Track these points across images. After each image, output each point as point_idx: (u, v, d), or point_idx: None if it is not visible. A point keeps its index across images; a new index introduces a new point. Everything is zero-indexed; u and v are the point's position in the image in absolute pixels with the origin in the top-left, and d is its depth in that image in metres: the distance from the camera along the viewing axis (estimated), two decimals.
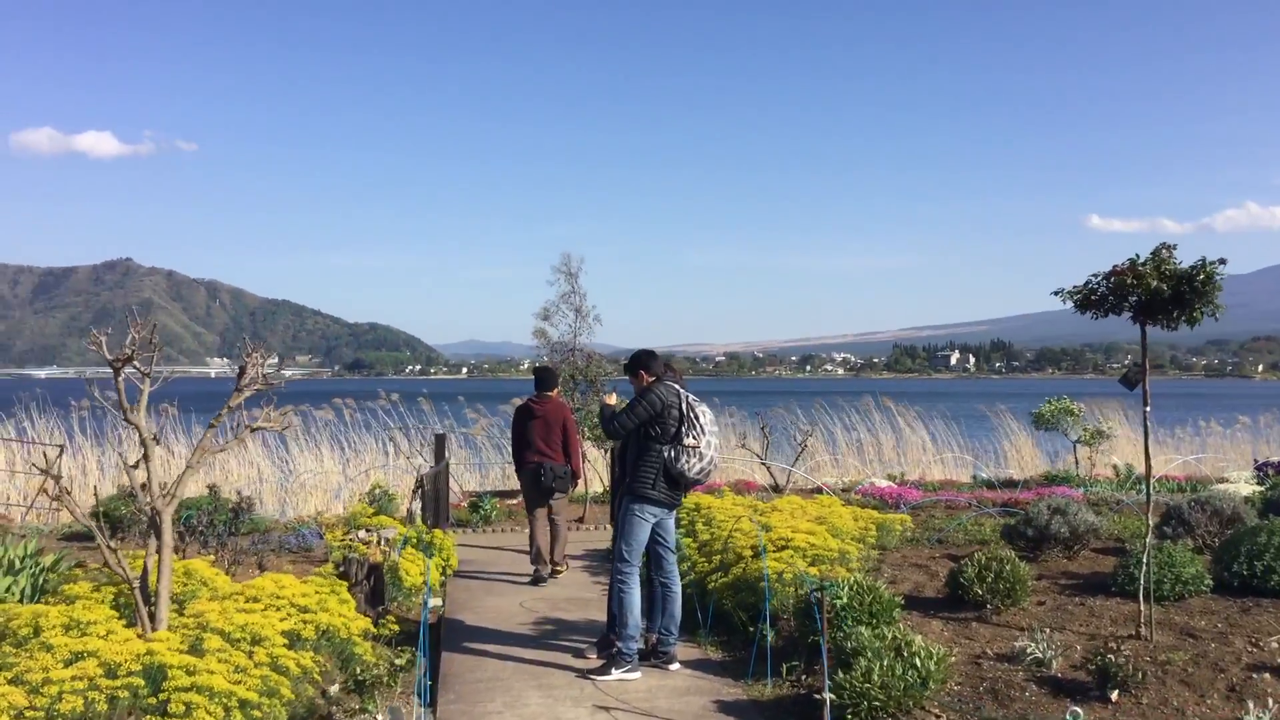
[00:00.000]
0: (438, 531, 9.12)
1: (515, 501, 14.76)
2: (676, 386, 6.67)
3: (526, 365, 15.20)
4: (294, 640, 5.93)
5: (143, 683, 4.85)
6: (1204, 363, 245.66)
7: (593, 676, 6.33)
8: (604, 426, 6.85)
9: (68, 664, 4.82)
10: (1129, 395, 6.35)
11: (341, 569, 7.55)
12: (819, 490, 14.62)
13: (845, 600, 6.21)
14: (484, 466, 18.35)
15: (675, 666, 6.59)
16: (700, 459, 6.52)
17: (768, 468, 16.09)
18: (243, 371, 5.59)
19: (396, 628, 6.89)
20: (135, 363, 5.45)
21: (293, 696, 5.42)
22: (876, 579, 7.70)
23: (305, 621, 6.04)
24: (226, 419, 5.75)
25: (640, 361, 6.85)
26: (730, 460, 17.57)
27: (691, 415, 6.54)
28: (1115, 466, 17.31)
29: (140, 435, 5.54)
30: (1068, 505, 8.23)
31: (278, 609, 6.13)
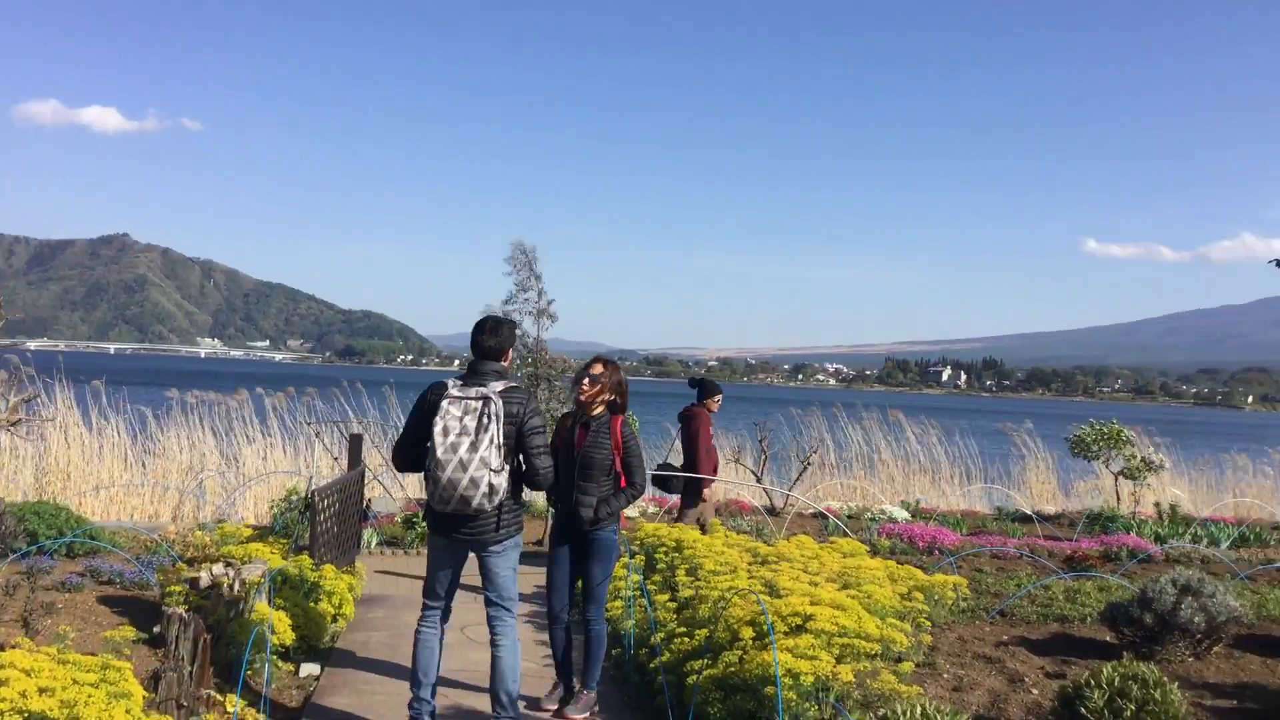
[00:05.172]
0: (327, 569, 6.72)
1: None
2: (448, 382, 4.74)
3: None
4: None
5: None
6: (1194, 391, 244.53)
7: None
8: None
9: None
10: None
11: (158, 630, 5.23)
12: (823, 517, 12.28)
13: None
14: None
15: None
16: (434, 484, 4.55)
17: (765, 490, 13.78)
18: None
19: None
20: None
21: None
22: (935, 686, 5.38)
23: None
24: None
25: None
26: (721, 478, 15.31)
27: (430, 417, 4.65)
28: (1157, 504, 15.00)
29: None
30: (1201, 582, 5.87)
31: None
